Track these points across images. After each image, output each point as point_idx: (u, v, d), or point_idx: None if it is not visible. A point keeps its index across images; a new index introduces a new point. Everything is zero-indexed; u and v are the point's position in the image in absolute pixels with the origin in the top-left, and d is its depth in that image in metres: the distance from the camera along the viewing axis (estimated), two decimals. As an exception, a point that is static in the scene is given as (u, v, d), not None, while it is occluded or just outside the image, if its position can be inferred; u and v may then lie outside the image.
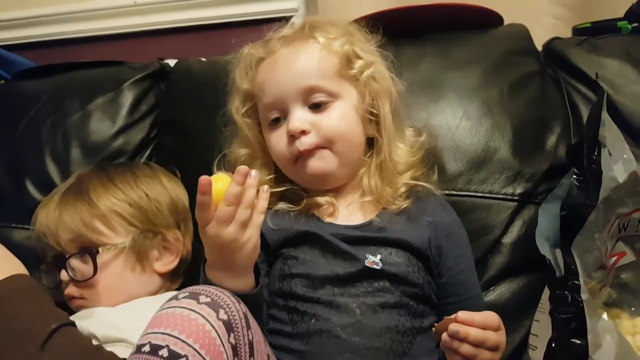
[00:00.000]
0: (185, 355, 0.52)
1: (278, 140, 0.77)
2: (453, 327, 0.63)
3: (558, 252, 0.73)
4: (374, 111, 0.77)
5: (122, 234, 0.81)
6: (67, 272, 0.80)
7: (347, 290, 0.71)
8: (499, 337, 0.65)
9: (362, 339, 0.69)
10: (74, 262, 0.81)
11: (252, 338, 0.58)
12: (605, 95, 0.78)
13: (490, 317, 0.66)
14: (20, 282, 0.70)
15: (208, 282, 0.65)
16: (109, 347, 0.67)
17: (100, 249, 0.79)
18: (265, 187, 0.66)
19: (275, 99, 0.76)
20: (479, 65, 0.94)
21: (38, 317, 0.66)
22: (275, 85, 0.76)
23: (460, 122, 0.90)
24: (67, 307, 0.83)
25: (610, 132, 0.75)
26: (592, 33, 1.00)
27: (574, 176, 0.77)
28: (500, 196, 0.87)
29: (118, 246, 0.80)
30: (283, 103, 0.76)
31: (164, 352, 0.51)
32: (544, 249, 0.74)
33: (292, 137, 0.75)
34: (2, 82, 1.23)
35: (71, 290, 0.81)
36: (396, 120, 0.80)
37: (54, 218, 0.82)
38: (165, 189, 0.87)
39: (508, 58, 0.95)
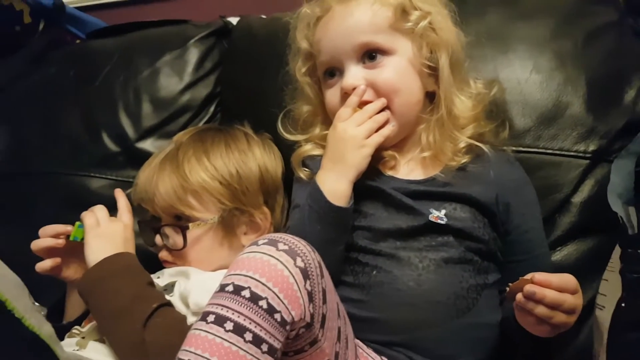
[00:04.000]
0: (266, 298, 0.54)
1: (332, 97, 0.78)
2: (529, 288, 0.61)
3: (632, 209, 0.70)
4: (432, 64, 0.75)
5: (212, 210, 0.83)
6: (162, 238, 0.84)
7: (409, 244, 0.72)
8: (575, 300, 0.63)
9: (423, 292, 0.69)
10: (168, 230, 0.84)
11: (325, 286, 0.60)
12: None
13: (568, 279, 0.64)
14: (122, 262, 0.74)
15: (315, 187, 0.72)
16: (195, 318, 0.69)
17: (190, 224, 0.81)
18: (394, 122, 0.75)
19: (331, 56, 0.77)
20: (551, 15, 0.89)
21: (139, 297, 0.70)
22: (330, 43, 0.76)
23: (529, 75, 0.86)
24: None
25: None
26: (681, -22, 0.93)
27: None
28: (572, 153, 0.84)
29: (208, 222, 0.82)
30: (338, 61, 0.76)
31: (246, 293, 0.54)
32: (616, 206, 0.71)
33: (346, 94, 0.75)
34: (78, 41, 1.29)
35: (164, 254, 0.85)
36: (457, 73, 0.77)
37: (151, 186, 0.84)
38: (257, 164, 0.86)
39: (583, 6, 0.90)
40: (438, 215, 0.72)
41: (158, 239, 0.85)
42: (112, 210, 0.84)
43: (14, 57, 1.20)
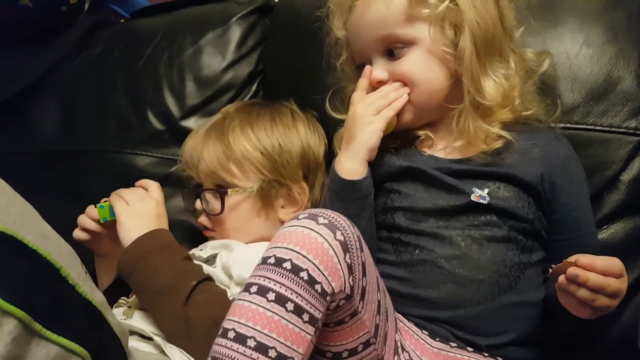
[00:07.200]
0: (307, 269, 0.55)
1: None
2: (572, 270, 0.60)
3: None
4: (452, 51, 0.72)
5: (253, 179, 0.85)
6: (202, 203, 0.87)
7: (451, 224, 0.71)
8: (620, 284, 0.62)
9: (466, 271, 0.69)
10: (208, 196, 0.86)
11: (365, 260, 0.61)
12: None
13: (613, 263, 0.62)
14: (159, 239, 0.76)
15: (332, 168, 0.75)
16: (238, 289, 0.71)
17: (230, 190, 0.84)
18: (405, 95, 0.74)
19: (359, 49, 0.78)
20: (605, -15, 0.85)
21: (179, 273, 0.72)
22: (356, 36, 0.77)
23: (580, 49, 0.83)
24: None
25: None
26: None
27: None
28: (622, 130, 0.81)
29: (247, 190, 0.84)
30: (365, 54, 0.77)
31: (287, 265, 0.55)
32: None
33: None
34: (122, 20, 1.31)
35: (204, 220, 0.88)
36: (487, 52, 0.72)
37: (196, 152, 0.87)
38: (300, 140, 0.88)
39: (640, -23, 0.86)
40: (480, 194, 0.71)
41: (198, 203, 0.88)
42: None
43: (61, 37, 1.22)
